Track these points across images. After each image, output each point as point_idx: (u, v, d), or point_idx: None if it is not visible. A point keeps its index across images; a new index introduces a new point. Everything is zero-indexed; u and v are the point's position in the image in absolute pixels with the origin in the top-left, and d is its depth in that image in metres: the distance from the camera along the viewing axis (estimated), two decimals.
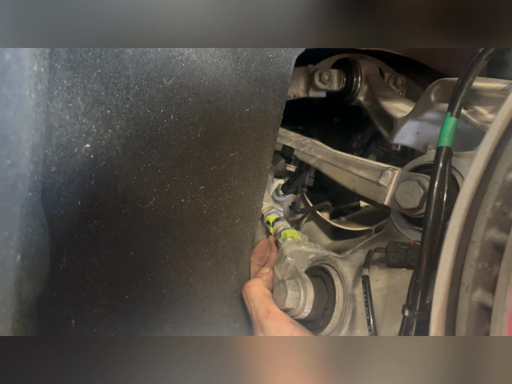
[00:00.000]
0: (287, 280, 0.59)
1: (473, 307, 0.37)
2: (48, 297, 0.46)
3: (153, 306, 0.56)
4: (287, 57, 0.62)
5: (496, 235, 0.36)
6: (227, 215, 0.62)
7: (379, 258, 0.56)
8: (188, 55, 0.53)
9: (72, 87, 0.45)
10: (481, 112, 0.56)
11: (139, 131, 0.51)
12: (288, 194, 0.97)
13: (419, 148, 0.72)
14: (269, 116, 0.62)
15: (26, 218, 0.37)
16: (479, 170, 0.37)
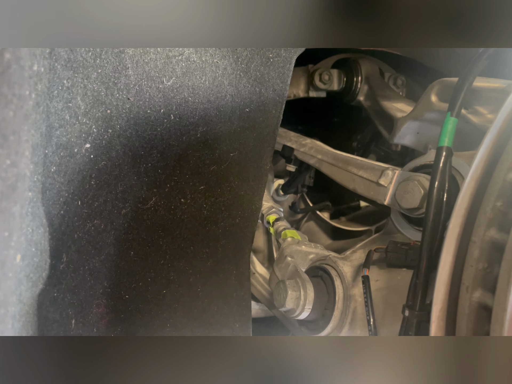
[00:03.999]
0: (287, 280, 0.59)
1: (473, 307, 0.37)
2: (48, 297, 0.46)
3: (153, 306, 0.56)
4: (287, 57, 0.62)
5: (496, 235, 0.36)
6: (227, 215, 0.62)
7: (379, 258, 0.56)
8: (188, 55, 0.53)
9: (72, 87, 0.45)
10: (481, 112, 0.56)
11: (139, 131, 0.51)
12: (288, 194, 0.97)
13: (419, 148, 0.72)
14: (269, 116, 0.62)
15: (26, 218, 0.37)
16: (479, 170, 0.37)
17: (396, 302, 0.52)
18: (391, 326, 0.51)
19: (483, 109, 0.56)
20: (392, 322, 0.51)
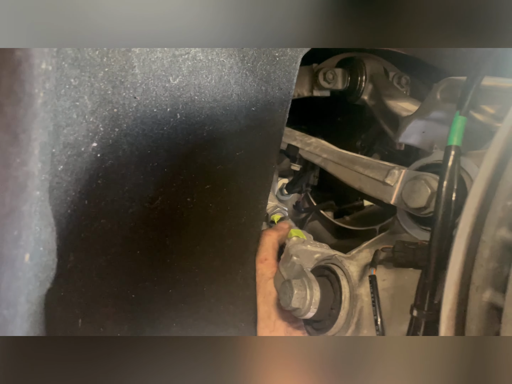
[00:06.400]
0: (293, 280, 0.58)
1: (483, 307, 0.36)
2: (55, 296, 0.46)
3: (159, 306, 0.55)
4: (293, 56, 0.62)
5: (507, 234, 0.36)
6: (233, 214, 0.62)
7: (385, 257, 0.56)
8: (195, 53, 0.53)
9: (79, 86, 0.45)
10: (488, 111, 0.55)
11: (146, 130, 0.51)
12: (292, 193, 0.96)
13: (424, 148, 0.72)
14: (275, 114, 0.62)
15: (34, 217, 0.37)
16: (489, 169, 0.37)
17: (403, 302, 0.51)
18: (398, 326, 0.51)
19: (490, 108, 0.55)
20: (400, 322, 0.51)
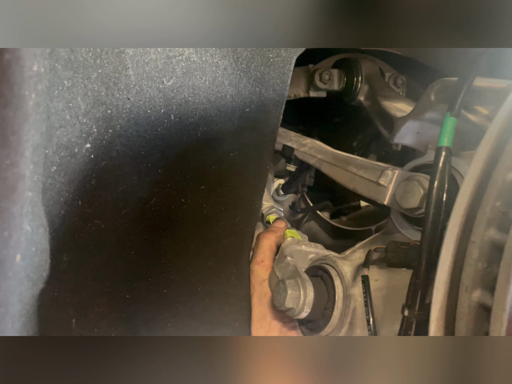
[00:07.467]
0: (287, 280, 0.59)
1: (472, 307, 0.37)
2: (49, 297, 0.46)
3: (154, 306, 0.56)
4: (287, 57, 0.62)
5: (495, 235, 0.36)
6: (227, 215, 0.62)
7: (379, 257, 0.56)
8: (189, 55, 0.53)
9: (72, 87, 0.45)
10: (481, 112, 0.55)
11: (140, 131, 0.51)
12: (288, 194, 0.97)
13: (419, 148, 0.72)
14: (269, 116, 0.62)
15: (26, 218, 0.37)
16: (478, 170, 0.37)
17: (395, 302, 0.52)
18: (390, 326, 0.51)
19: (483, 109, 0.55)
20: (392, 322, 0.51)
